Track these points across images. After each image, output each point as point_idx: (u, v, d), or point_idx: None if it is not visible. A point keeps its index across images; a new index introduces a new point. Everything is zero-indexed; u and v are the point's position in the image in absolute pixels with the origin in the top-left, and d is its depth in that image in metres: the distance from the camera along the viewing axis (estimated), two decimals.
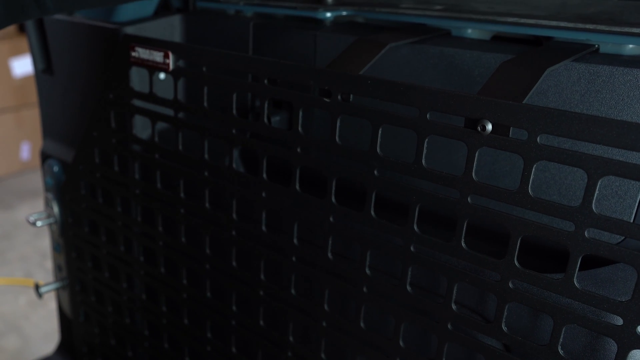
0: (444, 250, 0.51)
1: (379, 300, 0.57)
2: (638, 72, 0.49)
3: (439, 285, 0.58)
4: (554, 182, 0.55)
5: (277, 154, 0.60)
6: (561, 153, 0.43)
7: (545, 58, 0.51)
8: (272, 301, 0.67)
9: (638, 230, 0.41)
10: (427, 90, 0.48)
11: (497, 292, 0.49)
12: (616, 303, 0.43)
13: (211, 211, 0.69)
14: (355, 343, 0.60)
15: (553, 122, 0.43)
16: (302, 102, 0.56)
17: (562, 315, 0.46)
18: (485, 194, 0.47)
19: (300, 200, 0.60)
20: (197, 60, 0.64)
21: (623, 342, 0.43)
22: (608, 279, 0.51)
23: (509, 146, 0.45)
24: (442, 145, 0.53)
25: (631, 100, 0.50)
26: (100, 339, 0.98)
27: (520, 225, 0.46)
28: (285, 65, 0.57)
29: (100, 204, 0.84)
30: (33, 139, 3.29)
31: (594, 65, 0.51)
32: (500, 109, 0.45)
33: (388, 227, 0.54)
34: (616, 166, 0.41)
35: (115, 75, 0.75)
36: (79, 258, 0.94)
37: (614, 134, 0.40)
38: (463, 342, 0.52)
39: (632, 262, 0.42)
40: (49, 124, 1.02)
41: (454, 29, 0.63)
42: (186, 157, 0.69)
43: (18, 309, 2.22)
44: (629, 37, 0.52)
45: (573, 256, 0.44)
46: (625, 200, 0.51)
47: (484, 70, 0.56)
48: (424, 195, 0.51)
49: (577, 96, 0.52)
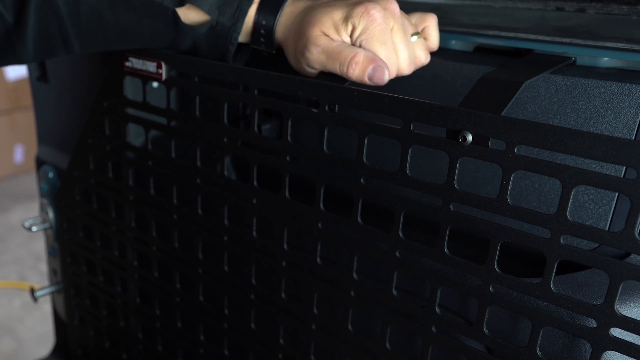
0: (428, 255, 0.53)
1: (366, 304, 0.59)
2: (612, 85, 0.51)
3: (423, 289, 0.60)
4: (533, 189, 0.57)
5: (267, 162, 0.62)
6: (537, 163, 0.45)
7: (524, 71, 0.53)
8: (263, 305, 0.69)
9: (610, 237, 0.43)
10: (410, 102, 0.50)
11: (478, 296, 0.51)
12: (590, 306, 0.45)
13: (203, 217, 0.71)
14: (344, 345, 0.62)
15: (529, 133, 0.45)
16: (291, 112, 0.58)
17: (539, 318, 0.48)
18: (466, 201, 0.49)
19: (289, 207, 0.61)
20: (189, 70, 0.66)
21: (597, 343, 0.45)
22: (584, 283, 0.53)
23: (488, 156, 0.47)
24: (428, 153, 0.55)
25: (606, 112, 0.52)
26: (94, 342, 0.99)
27: (499, 231, 0.48)
28: (274, 76, 0.59)
29: (94, 209, 0.86)
30: (27, 142, 3.30)
31: (570, 77, 0.53)
32: (480, 121, 0.47)
33: (374, 233, 0.56)
34: (589, 176, 0.43)
35: (109, 84, 0.76)
36: (74, 262, 0.95)
37: (586, 146, 0.42)
38: (447, 344, 0.54)
39: (605, 267, 0.44)
40: (44, 130, 1.03)
41: None
42: (179, 164, 0.71)
43: (12, 312, 2.22)
44: (604, 51, 0.54)
45: (549, 262, 0.46)
46: (601, 207, 0.54)
47: (466, 81, 0.58)
48: (408, 203, 0.53)
49: (554, 107, 0.54)
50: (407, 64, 0.57)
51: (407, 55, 0.57)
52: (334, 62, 0.55)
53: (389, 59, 0.56)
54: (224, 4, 0.61)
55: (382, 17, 0.55)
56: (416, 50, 0.58)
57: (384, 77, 0.54)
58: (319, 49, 0.56)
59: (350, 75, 0.55)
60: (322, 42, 0.56)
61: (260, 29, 0.61)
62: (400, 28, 0.57)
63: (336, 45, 0.56)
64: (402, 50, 0.56)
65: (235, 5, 0.61)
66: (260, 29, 0.61)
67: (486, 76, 0.53)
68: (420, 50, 0.59)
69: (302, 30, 0.58)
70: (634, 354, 0.44)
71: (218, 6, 0.61)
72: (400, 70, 0.57)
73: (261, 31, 0.61)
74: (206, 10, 0.61)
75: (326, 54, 0.56)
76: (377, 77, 0.54)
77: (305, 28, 0.57)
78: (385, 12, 0.56)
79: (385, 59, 0.55)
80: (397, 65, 0.57)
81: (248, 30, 0.62)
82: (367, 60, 0.54)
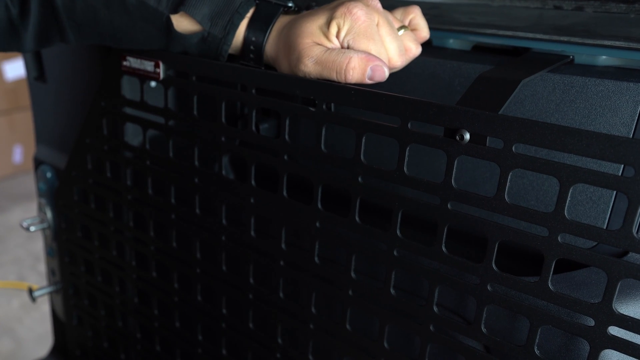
0: (425, 254, 0.53)
1: (364, 303, 0.59)
2: (610, 83, 0.51)
3: (421, 288, 0.60)
4: (531, 188, 0.57)
5: (265, 161, 0.61)
6: (535, 161, 0.45)
7: (521, 69, 0.53)
8: (261, 304, 0.69)
9: (608, 235, 0.43)
10: (408, 101, 0.50)
11: (476, 295, 0.51)
12: (588, 305, 0.45)
13: (201, 217, 0.71)
14: (342, 344, 0.62)
15: (526, 132, 0.44)
16: (288, 111, 0.58)
17: (537, 317, 0.48)
18: (464, 200, 0.49)
19: (287, 206, 0.61)
20: (187, 69, 0.65)
21: (595, 342, 0.45)
22: (583, 282, 0.53)
23: (486, 155, 0.47)
24: (427, 151, 0.55)
25: (603, 110, 0.52)
26: (93, 342, 0.99)
27: (497, 230, 0.48)
28: (272, 75, 0.58)
29: (92, 209, 0.85)
30: (25, 142, 3.30)
31: (568, 76, 0.53)
32: (477, 119, 0.47)
33: (372, 232, 0.56)
34: (586, 174, 0.43)
35: (107, 83, 0.76)
36: (72, 262, 0.95)
37: (584, 144, 0.42)
38: (445, 343, 0.54)
39: (602, 265, 0.44)
40: (42, 130, 1.03)
41: (435, 39, 0.65)
42: (177, 164, 0.71)
43: (11, 312, 2.22)
44: (602, 49, 0.54)
45: (547, 260, 0.46)
46: (599, 205, 0.53)
47: (464, 80, 0.58)
48: (406, 202, 0.53)
49: (552, 105, 0.54)
50: (398, 55, 0.57)
51: (396, 46, 0.56)
52: (330, 71, 0.55)
53: (380, 53, 0.56)
54: (216, 16, 0.61)
55: (365, 14, 0.55)
56: (406, 42, 0.58)
57: (384, 74, 0.54)
58: (312, 60, 0.56)
59: (350, 81, 0.55)
60: (314, 52, 0.56)
61: (250, 45, 0.61)
62: (386, 22, 0.57)
63: (329, 54, 0.55)
64: (391, 43, 0.56)
65: (227, 18, 0.61)
66: (250, 45, 0.61)
67: (484, 75, 0.53)
68: (410, 41, 0.59)
69: (292, 43, 0.58)
70: (632, 352, 0.44)
71: (210, 17, 0.61)
72: (393, 62, 0.57)
73: (250, 47, 0.61)
74: (199, 20, 0.61)
75: (321, 64, 0.56)
76: (377, 75, 0.54)
77: (294, 41, 0.57)
78: (367, 8, 0.56)
79: (376, 54, 0.55)
80: (387, 59, 0.57)
81: (238, 44, 0.62)
82: (363, 62, 0.54)
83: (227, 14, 0.61)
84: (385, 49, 0.56)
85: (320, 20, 0.57)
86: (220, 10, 0.61)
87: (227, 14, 0.61)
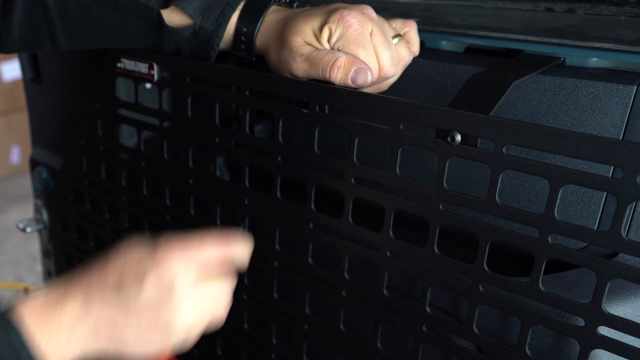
0: (418, 255, 0.53)
1: (357, 304, 0.59)
2: (600, 85, 0.52)
3: (414, 288, 0.61)
4: (523, 189, 0.57)
5: (259, 163, 0.62)
6: (525, 163, 0.45)
7: (513, 71, 0.54)
8: (256, 305, 0.69)
9: (597, 236, 0.43)
10: (400, 103, 0.50)
11: (468, 295, 0.51)
12: (578, 305, 0.45)
13: (196, 218, 0.71)
14: (336, 345, 0.62)
15: (517, 133, 0.45)
16: (282, 113, 0.58)
17: (528, 317, 0.48)
18: (455, 201, 0.50)
19: (281, 207, 0.62)
20: (181, 71, 0.66)
21: (585, 342, 0.46)
22: (574, 282, 0.53)
23: (477, 156, 0.47)
24: (419, 153, 0.56)
25: (594, 112, 0.52)
26: None
27: (488, 231, 0.48)
28: (266, 76, 0.59)
29: (88, 210, 0.86)
30: (23, 143, 3.29)
31: (559, 77, 0.53)
32: (468, 121, 0.47)
33: (365, 233, 0.56)
34: (576, 176, 0.43)
35: (102, 85, 0.76)
36: (68, 263, 0.95)
37: (574, 146, 0.42)
38: (437, 343, 0.54)
39: (592, 266, 0.44)
40: (38, 131, 1.03)
41: (428, 40, 0.66)
42: (171, 165, 0.71)
43: None
44: (592, 51, 0.55)
45: (537, 261, 0.46)
46: (590, 207, 0.54)
47: (456, 82, 0.59)
48: (398, 203, 0.53)
49: (543, 107, 0.55)
50: (390, 64, 0.57)
51: (389, 56, 0.57)
52: (317, 68, 0.56)
53: (369, 61, 0.56)
54: (207, 9, 0.61)
55: (358, 22, 0.56)
56: (399, 50, 0.59)
57: (367, 78, 0.55)
58: (302, 58, 0.57)
59: (333, 80, 0.55)
60: (304, 50, 0.57)
61: (241, 36, 0.62)
62: (379, 30, 0.57)
63: (317, 52, 0.56)
64: (383, 52, 0.57)
65: (219, 11, 0.61)
66: (241, 36, 0.61)
67: (475, 76, 0.54)
68: (404, 49, 0.59)
69: (284, 39, 0.58)
70: (621, 352, 0.44)
71: (202, 11, 0.61)
72: (385, 71, 0.57)
73: (242, 38, 0.62)
74: (190, 14, 0.61)
75: (309, 61, 0.56)
76: (359, 79, 0.55)
77: (287, 37, 0.58)
78: (361, 16, 0.56)
79: (365, 61, 0.56)
80: (377, 67, 0.57)
81: (229, 36, 0.63)
82: (349, 63, 0.55)
83: (219, 7, 0.61)
84: (378, 58, 0.57)
85: (314, 22, 0.57)
86: (212, 4, 0.61)
87: (218, 7, 0.61)
